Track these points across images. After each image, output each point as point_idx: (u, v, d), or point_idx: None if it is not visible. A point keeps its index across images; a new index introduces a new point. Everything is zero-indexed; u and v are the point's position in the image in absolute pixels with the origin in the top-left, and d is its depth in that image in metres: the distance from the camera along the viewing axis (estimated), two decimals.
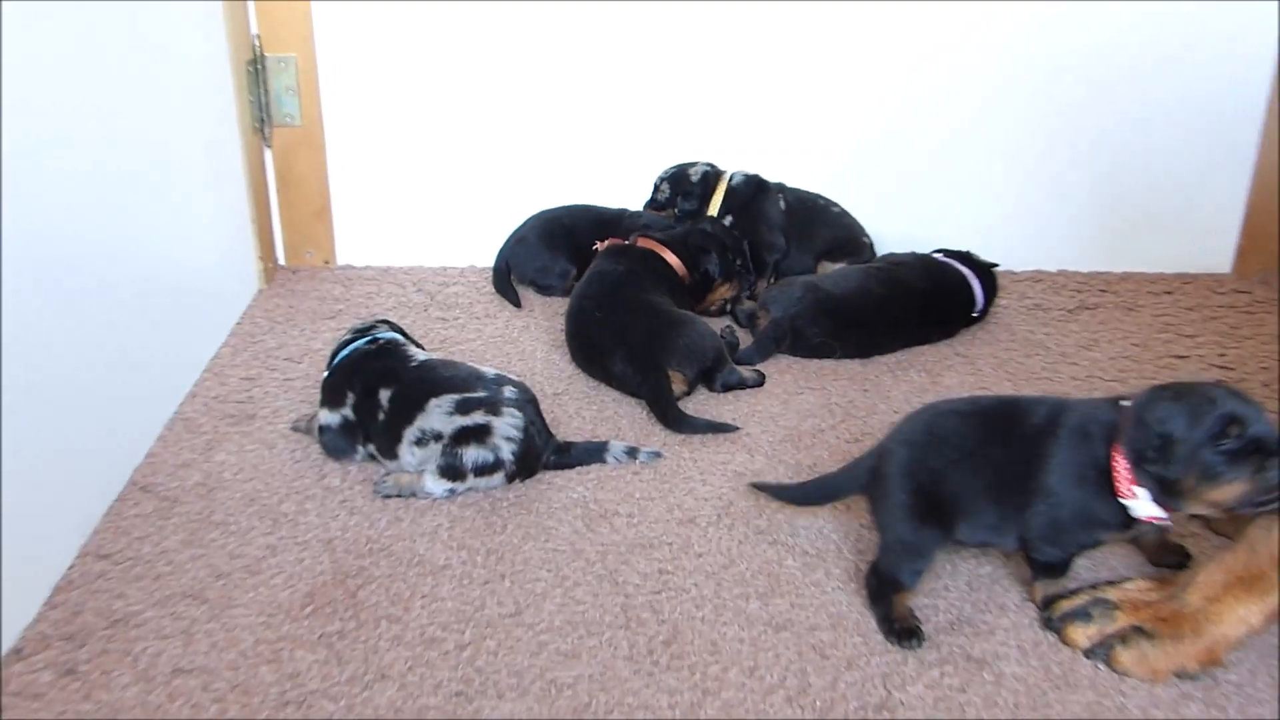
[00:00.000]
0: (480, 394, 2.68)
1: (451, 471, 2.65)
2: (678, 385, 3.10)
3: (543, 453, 2.76)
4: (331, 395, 2.80)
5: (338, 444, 2.79)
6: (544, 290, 3.88)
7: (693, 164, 3.92)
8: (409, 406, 2.68)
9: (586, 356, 3.27)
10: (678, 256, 3.45)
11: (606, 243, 3.54)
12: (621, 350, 3.13)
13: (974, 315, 3.60)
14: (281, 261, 4.03)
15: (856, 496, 2.49)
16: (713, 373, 3.17)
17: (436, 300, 3.79)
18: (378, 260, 4.06)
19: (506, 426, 2.66)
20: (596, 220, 3.91)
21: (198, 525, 2.59)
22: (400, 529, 2.59)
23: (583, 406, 3.14)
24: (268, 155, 3.89)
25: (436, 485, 2.66)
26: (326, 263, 4.04)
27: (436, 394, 2.67)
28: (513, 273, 3.89)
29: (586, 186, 4.03)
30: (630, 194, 4.00)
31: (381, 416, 2.71)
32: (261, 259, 3.83)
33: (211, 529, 2.58)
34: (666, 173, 3.92)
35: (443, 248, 4.07)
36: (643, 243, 3.49)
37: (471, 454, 2.64)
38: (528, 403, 2.73)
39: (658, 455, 2.88)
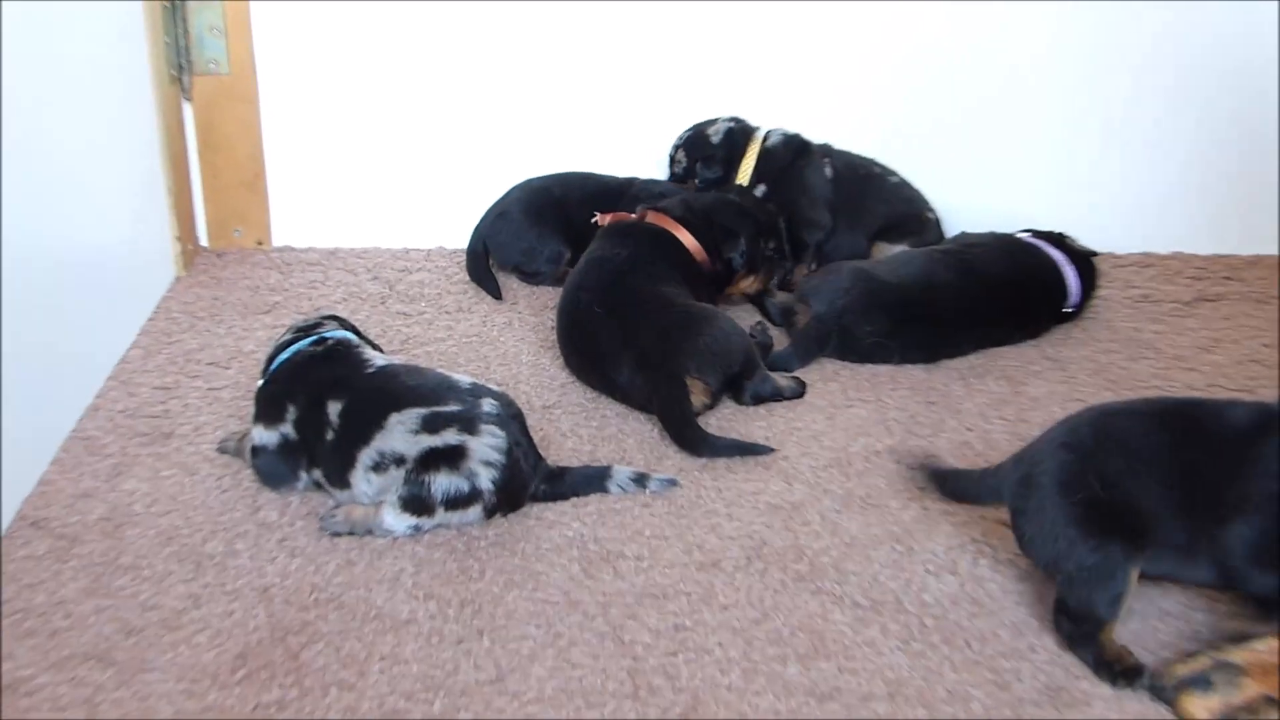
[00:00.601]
0: (453, 407, 2.71)
1: (416, 504, 2.67)
2: (698, 397, 3.13)
3: (530, 481, 2.79)
4: (268, 409, 2.83)
5: (275, 469, 2.82)
6: (531, 278, 3.91)
7: (712, 121, 3.96)
8: (365, 423, 2.71)
9: (584, 361, 3.30)
10: (695, 237, 3.49)
11: (608, 218, 3.58)
12: (627, 354, 3.16)
13: (1067, 310, 3.64)
14: (204, 242, 4.06)
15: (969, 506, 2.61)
16: (741, 381, 3.20)
17: (397, 290, 3.82)
18: (323, 240, 4.09)
19: (485, 448, 2.69)
20: (596, 191, 3.94)
21: (102, 570, 2.61)
22: (353, 575, 2.61)
23: (579, 423, 3.16)
24: (187, 110, 3.93)
25: (398, 521, 2.69)
26: (260, 243, 4.07)
27: (399, 407, 2.70)
28: (492, 256, 3.93)
29: (583, 150, 4.07)
30: (639, 161, 4.05)
31: (330, 435, 2.74)
32: (179, 239, 3.87)
33: (119, 574, 2.60)
34: (681, 137, 3.96)
35: (404, 225, 4.10)
36: (652, 219, 3.52)
37: (442, 482, 2.67)
38: (511, 419, 2.76)
39: (672, 484, 2.90)
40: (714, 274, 3.51)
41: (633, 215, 3.56)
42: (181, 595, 2.55)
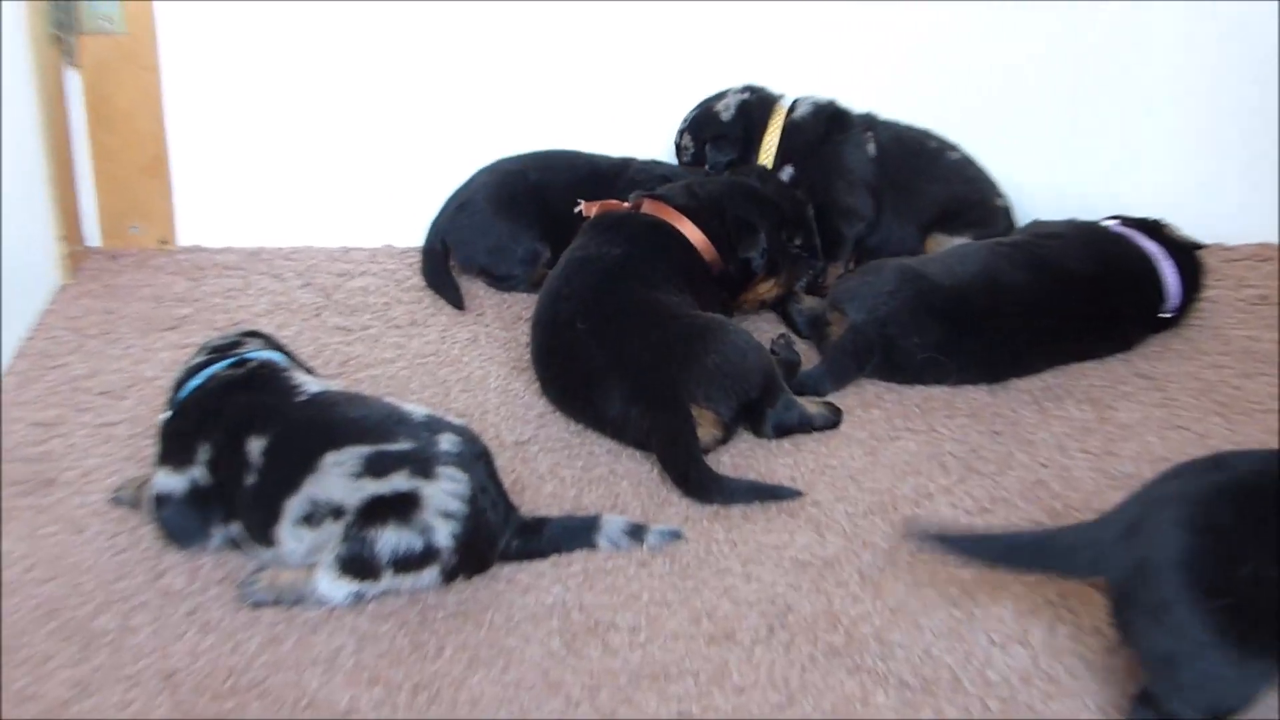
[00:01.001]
0: (403, 445, 2.73)
1: (358, 566, 2.69)
2: (707, 429, 3.15)
3: (499, 535, 2.81)
4: (175, 448, 2.85)
5: (184, 523, 2.84)
6: (500, 282, 3.95)
7: (721, 95, 4.00)
8: (294, 464, 2.73)
9: (566, 389, 3.33)
10: (703, 230, 3.52)
11: (595, 207, 3.61)
12: (619, 379, 3.18)
13: (1164, 315, 3.67)
14: (94, 242, 4.10)
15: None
16: (761, 408, 3.23)
17: (335, 300, 3.85)
18: (243, 239, 4.13)
19: (443, 496, 2.71)
20: (584, 174, 3.98)
21: None
22: (280, 654, 2.62)
23: (561, 462, 3.18)
24: (72, 79, 3.96)
25: (334, 587, 2.71)
26: (163, 243, 4.11)
27: (336, 445, 2.72)
28: (453, 256, 3.97)
29: (567, 125, 4.11)
30: (636, 138, 4.09)
31: (251, 479, 2.76)
32: (63, 239, 3.90)
33: None
34: (685, 120, 4.00)
35: (343, 220, 4.14)
36: (649, 208, 3.55)
37: (389, 539, 2.68)
38: (475, 459, 2.78)
39: (675, 536, 2.92)
40: (725, 277, 3.53)
41: (626, 204, 3.59)
42: (67, 682, 2.55)
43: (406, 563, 2.68)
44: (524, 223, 3.91)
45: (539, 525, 2.87)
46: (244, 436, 2.77)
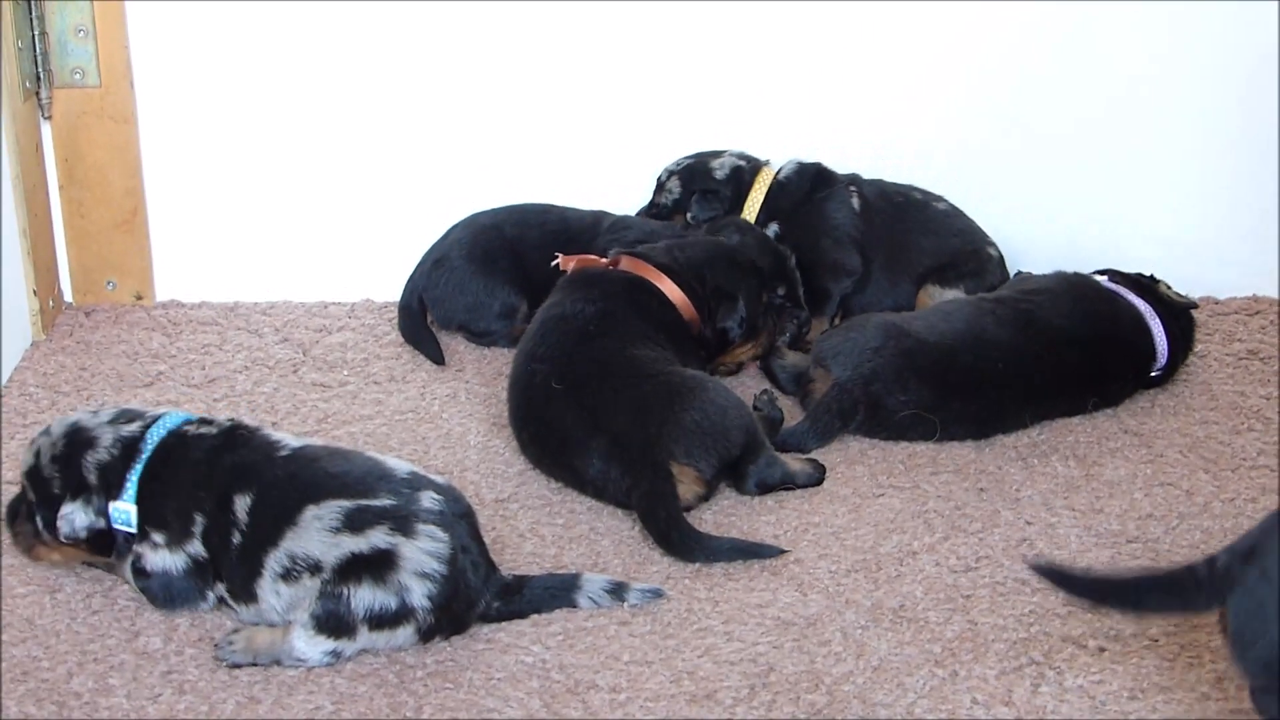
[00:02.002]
0: (383, 501, 2.78)
1: (334, 623, 2.73)
2: (688, 486, 3.21)
3: (478, 597, 2.85)
4: (165, 513, 2.86)
5: (181, 590, 2.87)
6: (479, 338, 4.01)
7: (717, 153, 4.08)
8: (274, 520, 2.78)
9: (544, 450, 3.38)
10: (681, 289, 3.58)
11: (572, 262, 3.67)
12: (598, 439, 3.23)
13: (1153, 374, 3.73)
14: (68, 298, 4.15)
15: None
16: (742, 465, 3.28)
17: (312, 355, 3.91)
18: (219, 294, 4.18)
19: (421, 555, 2.75)
20: (557, 228, 4.04)
21: None
22: (257, 714, 2.66)
23: (541, 520, 3.24)
24: (46, 131, 4.03)
25: (311, 646, 2.75)
26: (139, 298, 4.17)
27: (315, 499, 2.78)
28: (431, 311, 4.03)
29: (540, 180, 4.17)
30: (608, 193, 4.16)
31: (237, 538, 2.81)
32: (36, 294, 3.95)
33: None
34: (677, 164, 4.08)
35: (321, 275, 4.20)
36: (627, 265, 3.61)
37: (364, 596, 2.73)
38: (458, 518, 2.83)
39: (657, 594, 2.97)
40: (704, 337, 3.61)
41: (603, 260, 3.65)
42: None
43: (381, 620, 2.73)
44: (500, 278, 3.98)
45: (519, 585, 2.91)
46: (231, 496, 2.81)
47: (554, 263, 3.70)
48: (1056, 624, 2.89)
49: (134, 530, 2.86)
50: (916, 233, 4.01)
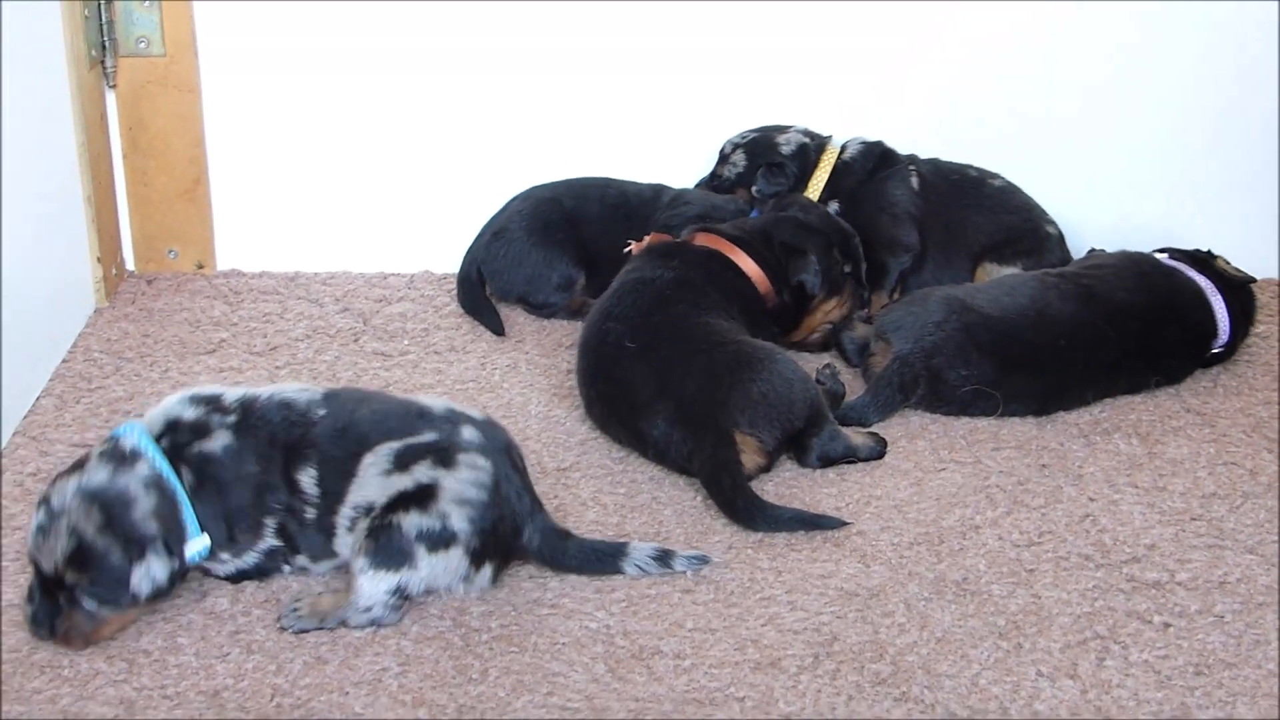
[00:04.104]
0: (427, 437, 2.81)
1: (390, 555, 2.75)
2: (750, 457, 3.22)
3: (524, 524, 2.88)
4: (232, 528, 2.84)
5: (254, 575, 2.91)
6: (538, 309, 4.02)
7: (783, 128, 4.08)
8: (338, 478, 2.80)
9: (610, 411, 3.40)
10: (756, 262, 3.59)
11: (645, 240, 3.68)
12: (664, 403, 3.24)
13: (1215, 350, 3.72)
14: (130, 266, 4.18)
15: None
16: (805, 438, 3.29)
17: (373, 325, 3.93)
18: (280, 264, 4.20)
19: (461, 484, 2.78)
20: (616, 202, 4.06)
21: (14, 668, 2.68)
22: (324, 675, 2.69)
23: (603, 489, 3.25)
24: (110, 100, 4.05)
25: (374, 584, 2.76)
26: (200, 267, 4.19)
27: (368, 446, 2.80)
28: (489, 284, 4.04)
29: (599, 153, 4.18)
30: (665, 166, 4.16)
31: (312, 513, 2.83)
32: (100, 261, 3.97)
33: (34, 674, 2.67)
34: (742, 137, 4.08)
35: (381, 246, 4.21)
36: (702, 240, 3.62)
37: (413, 520, 2.75)
38: (499, 450, 2.86)
39: (703, 561, 2.98)
40: (781, 311, 3.62)
41: (678, 236, 3.68)
42: (112, 700, 2.62)
43: (434, 540, 2.76)
44: (559, 250, 3.99)
45: (567, 538, 2.94)
46: (295, 473, 2.82)
47: (626, 249, 3.70)
48: (1120, 599, 2.88)
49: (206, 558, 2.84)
50: (972, 210, 4.01)
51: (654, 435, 3.26)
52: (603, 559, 2.94)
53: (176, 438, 2.80)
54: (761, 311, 3.55)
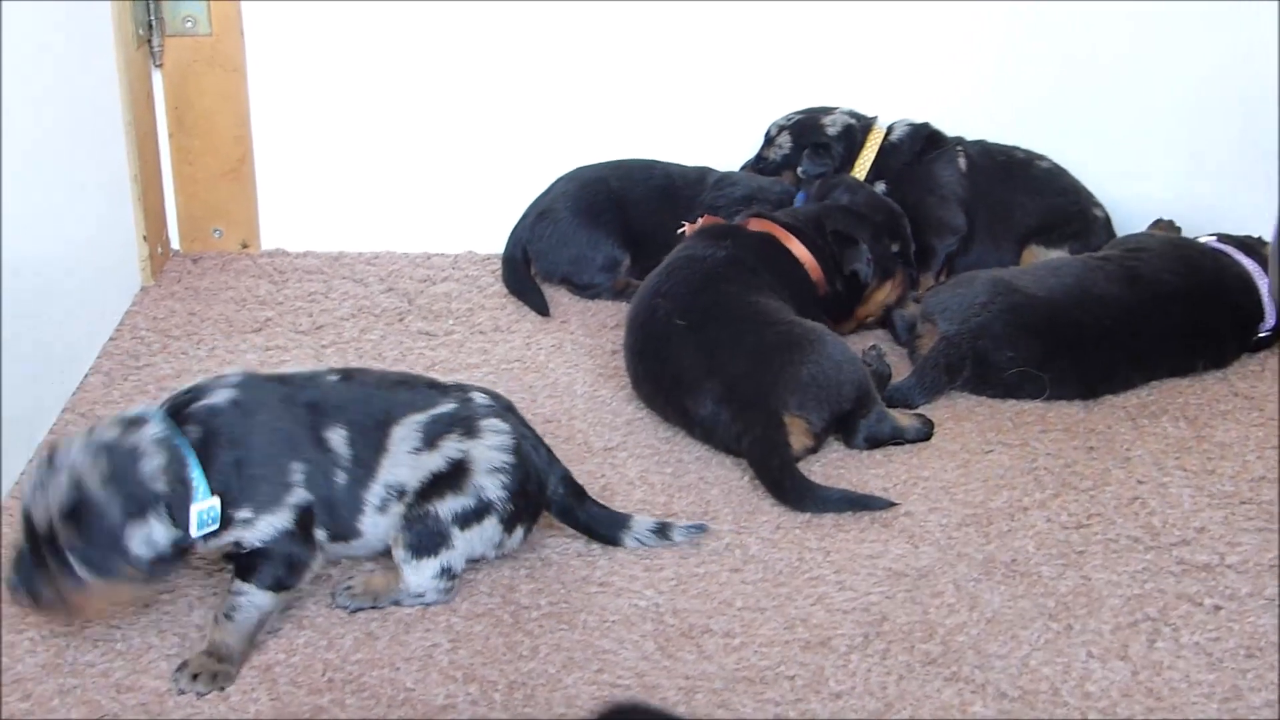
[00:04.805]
0: (448, 406, 2.81)
1: (429, 542, 2.76)
2: (798, 438, 3.22)
3: (547, 476, 2.90)
4: (254, 481, 2.68)
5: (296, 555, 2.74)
6: (583, 290, 4.03)
7: (828, 109, 4.08)
8: (370, 448, 2.75)
9: (658, 386, 3.40)
10: (809, 249, 3.60)
11: (699, 223, 3.68)
12: (712, 382, 3.25)
13: (1262, 334, 3.70)
14: (175, 245, 4.19)
15: None
16: (852, 419, 3.29)
17: (418, 305, 3.94)
18: (324, 243, 4.22)
19: (490, 451, 2.79)
20: (661, 184, 4.06)
21: (66, 643, 2.70)
22: (375, 650, 2.70)
23: (650, 469, 3.26)
24: (157, 80, 4.06)
25: (421, 574, 2.78)
26: (245, 246, 4.20)
27: (396, 418, 2.77)
28: (534, 264, 4.05)
29: (642, 136, 4.18)
30: (710, 151, 4.15)
31: (343, 477, 2.76)
32: (146, 240, 3.99)
33: (87, 648, 2.69)
34: (787, 119, 4.08)
35: (425, 226, 4.22)
36: (756, 225, 3.63)
37: (449, 504, 2.76)
38: (507, 410, 2.89)
39: (701, 530, 3.02)
40: (833, 299, 3.62)
41: (731, 220, 3.69)
42: (164, 674, 2.64)
43: (469, 517, 2.77)
44: (604, 231, 4.00)
45: (582, 493, 2.96)
46: (323, 433, 2.73)
47: (680, 230, 3.70)
48: (1171, 582, 2.87)
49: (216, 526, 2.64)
50: (1019, 192, 4.00)
51: (701, 414, 3.26)
52: (606, 526, 2.97)
53: (176, 400, 2.68)
54: (813, 299, 3.55)
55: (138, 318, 3.83)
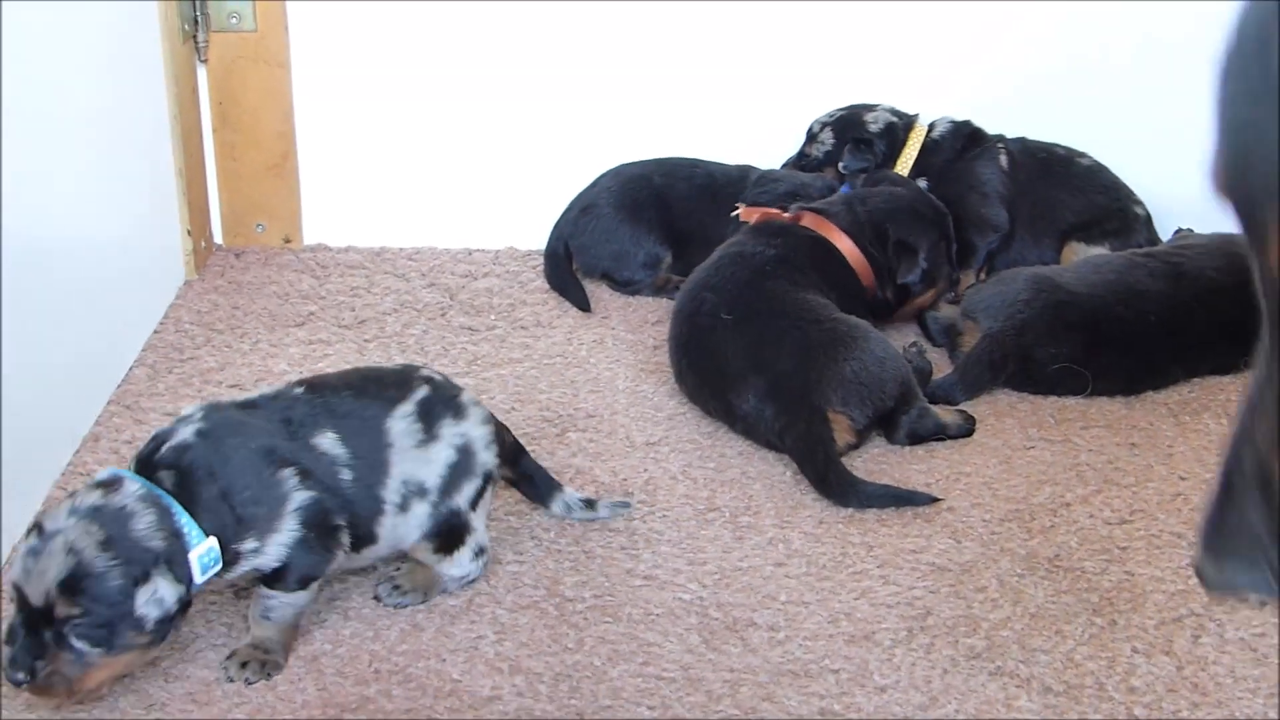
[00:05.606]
0: (425, 389, 2.80)
1: (455, 534, 2.79)
2: (840, 434, 3.23)
3: (502, 430, 2.95)
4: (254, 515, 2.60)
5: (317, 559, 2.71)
6: (624, 286, 4.05)
7: (870, 106, 4.09)
8: (368, 442, 2.71)
9: (701, 382, 3.42)
10: (860, 250, 3.61)
11: (755, 214, 3.69)
12: (757, 377, 3.27)
13: None
14: (218, 240, 4.23)
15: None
16: (895, 416, 3.31)
17: (459, 300, 3.96)
18: (366, 239, 4.25)
19: (479, 427, 2.82)
20: (703, 182, 4.09)
21: None
22: (421, 642, 2.73)
23: (692, 463, 3.27)
24: (202, 76, 4.10)
25: (457, 567, 2.82)
26: (288, 241, 4.24)
27: (388, 410, 2.76)
28: (576, 260, 4.07)
29: (684, 135, 4.19)
30: (751, 150, 4.17)
31: (348, 474, 2.68)
32: (191, 234, 4.03)
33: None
34: (829, 116, 4.09)
35: (468, 221, 4.25)
36: (808, 222, 3.64)
37: (465, 495, 2.79)
38: (451, 382, 2.92)
39: (625, 506, 3.07)
40: (880, 302, 3.65)
41: (785, 215, 3.70)
42: (212, 664, 2.67)
43: (480, 494, 2.82)
44: (646, 228, 4.02)
45: (520, 444, 3.02)
46: (309, 439, 2.67)
47: (734, 212, 3.74)
48: None
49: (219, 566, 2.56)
50: (1060, 189, 4.01)
51: (744, 409, 3.28)
52: (540, 485, 3.03)
53: (142, 454, 2.59)
54: (860, 302, 3.57)
55: (181, 311, 3.86)
